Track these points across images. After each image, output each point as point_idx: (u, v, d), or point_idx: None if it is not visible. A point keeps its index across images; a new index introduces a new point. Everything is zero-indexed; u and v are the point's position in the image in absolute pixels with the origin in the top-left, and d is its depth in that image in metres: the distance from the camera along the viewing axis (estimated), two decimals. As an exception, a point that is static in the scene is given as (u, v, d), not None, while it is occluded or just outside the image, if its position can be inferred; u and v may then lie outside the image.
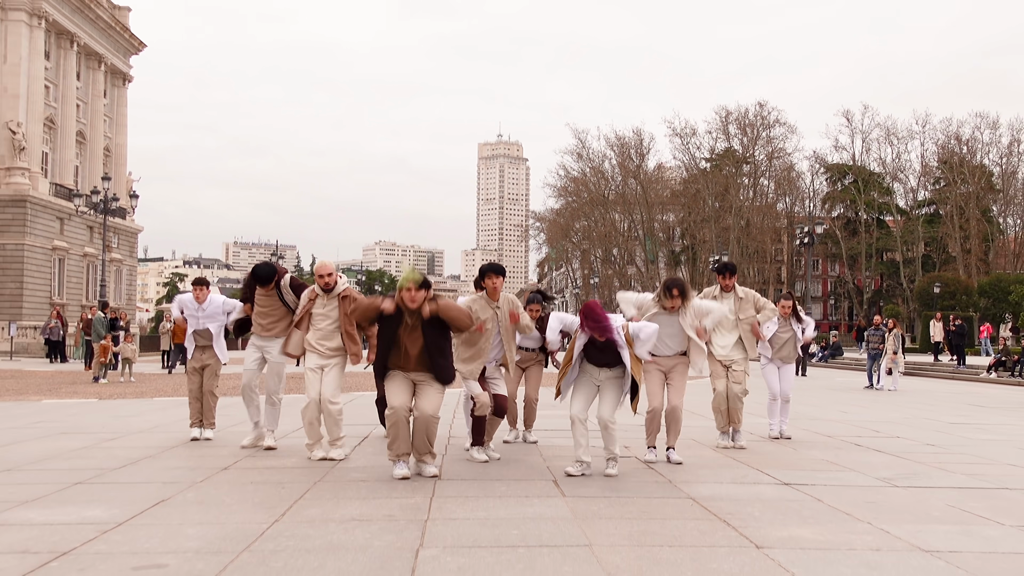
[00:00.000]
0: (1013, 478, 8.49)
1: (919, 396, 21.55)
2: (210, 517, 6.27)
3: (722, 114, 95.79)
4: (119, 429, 11.97)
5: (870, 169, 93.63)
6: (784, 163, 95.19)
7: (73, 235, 62.07)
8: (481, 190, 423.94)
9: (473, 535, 5.70)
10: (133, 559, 5.12)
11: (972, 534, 5.97)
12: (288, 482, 7.75)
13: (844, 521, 6.30)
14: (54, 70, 61.07)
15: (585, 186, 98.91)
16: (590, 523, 6.10)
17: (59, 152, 61.83)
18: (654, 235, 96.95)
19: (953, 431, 12.92)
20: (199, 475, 8.09)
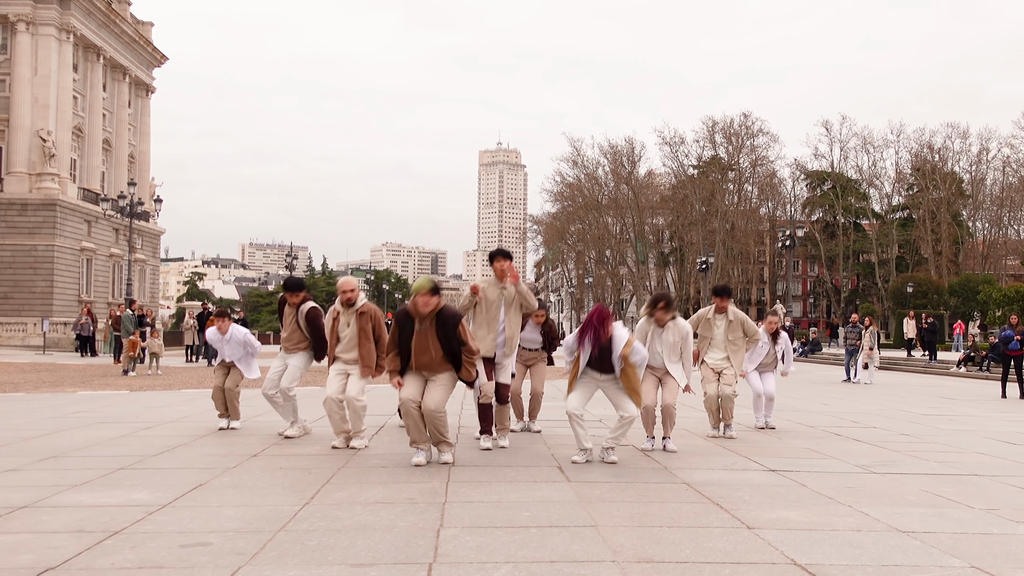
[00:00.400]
0: (981, 465, 8.66)
1: (893, 389, 21.70)
2: (246, 500, 6.43)
3: (709, 124, 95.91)
4: (152, 419, 12.12)
5: (848, 176, 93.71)
6: (767, 170, 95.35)
7: (100, 237, 62.21)
8: (482, 195, 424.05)
9: (488, 516, 5.86)
10: (180, 538, 5.28)
11: (944, 516, 6.13)
12: (314, 468, 7.91)
13: (827, 504, 6.47)
14: (82, 82, 61.21)
15: (580, 191, 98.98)
16: (594, 506, 6.26)
17: (87, 159, 62.03)
18: (644, 237, 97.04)
19: (925, 422, 13.08)
20: (231, 461, 8.25)
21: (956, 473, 8.12)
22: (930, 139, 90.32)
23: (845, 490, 7.04)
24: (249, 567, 4.63)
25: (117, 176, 65.16)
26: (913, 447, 9.95)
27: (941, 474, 8.04)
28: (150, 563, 4.72)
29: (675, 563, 4.76)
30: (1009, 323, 20.85)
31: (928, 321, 35.71)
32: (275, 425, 11.01)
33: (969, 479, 7.79)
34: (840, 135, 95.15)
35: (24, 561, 4.75)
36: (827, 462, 8.69)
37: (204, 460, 8.39)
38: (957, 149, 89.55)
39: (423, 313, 8.09)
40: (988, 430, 12.17)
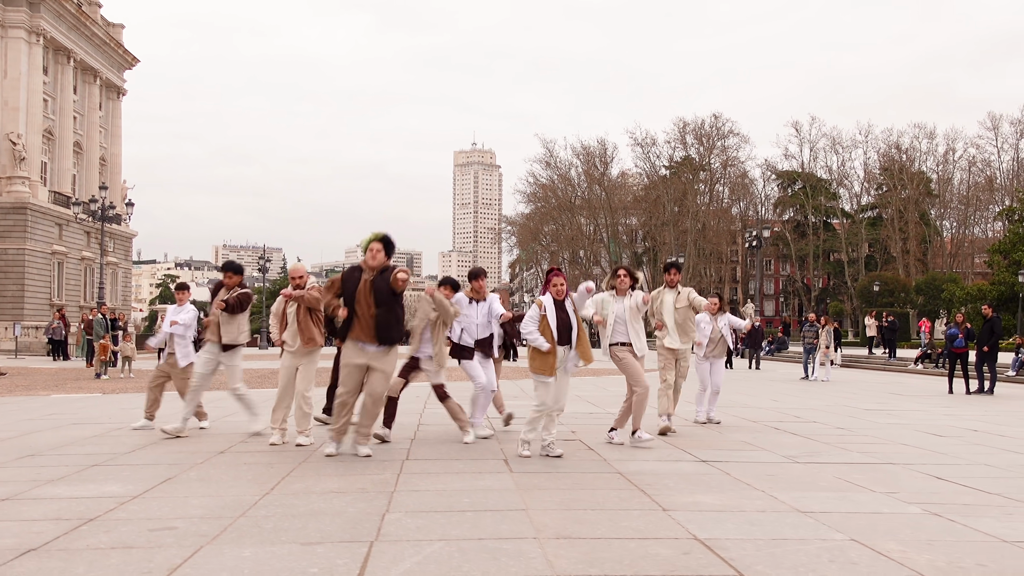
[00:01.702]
0: (900, 455, 9.34)
1: (848, 386, 22.45)
2: (210, 491, 7.02)
3: (680, 125, 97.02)
4: (125, 420, 12.65)
5: (818, 176, 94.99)
6: (738, 170, 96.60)
7: (71, 240, 62.34)
8: (457, 195, 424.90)
9: (431, 503, 6.48)
10: (149, 523, 5.87)
11: (845, 499, 6.79)
12: (276, 463, 8.50)
13: (743, 490, 7.12)
14: (52, 84, 61.30)
15: (553, 192, 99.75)
16: (529, 493, 6.89)
17: (57, 162, 62.11)
18: (618, 238, 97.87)
19: (864, 416, 13.78)
20: (199, 458, 8.83)
21: (873, 462, 8.80)
22: (898, 139, 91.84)
23: (764, 478, 7.70)
24: (210, 546, 5.23)
25: (88, 179, 65.25)
26: (843, 439, 10.62)
27: (859, 463, 8.71)
28: (121, 544, 5.31)
29: (589, 539, 5.39)
30: (955, 321, 21.65)
31: (888, 320, 36.58)
32: (243, 425, 11.57)
33: (883, 467, 8.46)
34: (810, 135, 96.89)
35: (9, 544, 5.32)
36: (757, 453, 9.35)
37: (173, 457, 8.95)
38: (924, 149, 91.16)
39: (372, 266, 8.52)
40: (921, 424, 12.86)
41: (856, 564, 4.89)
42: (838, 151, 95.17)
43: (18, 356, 41.96)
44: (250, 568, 4.75)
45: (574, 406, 12.71)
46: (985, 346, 20.06)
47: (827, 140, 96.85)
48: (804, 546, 5.27)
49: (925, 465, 8.65)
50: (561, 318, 8.73)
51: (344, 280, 8.67)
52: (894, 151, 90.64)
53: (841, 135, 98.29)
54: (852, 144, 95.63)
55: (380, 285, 8.47)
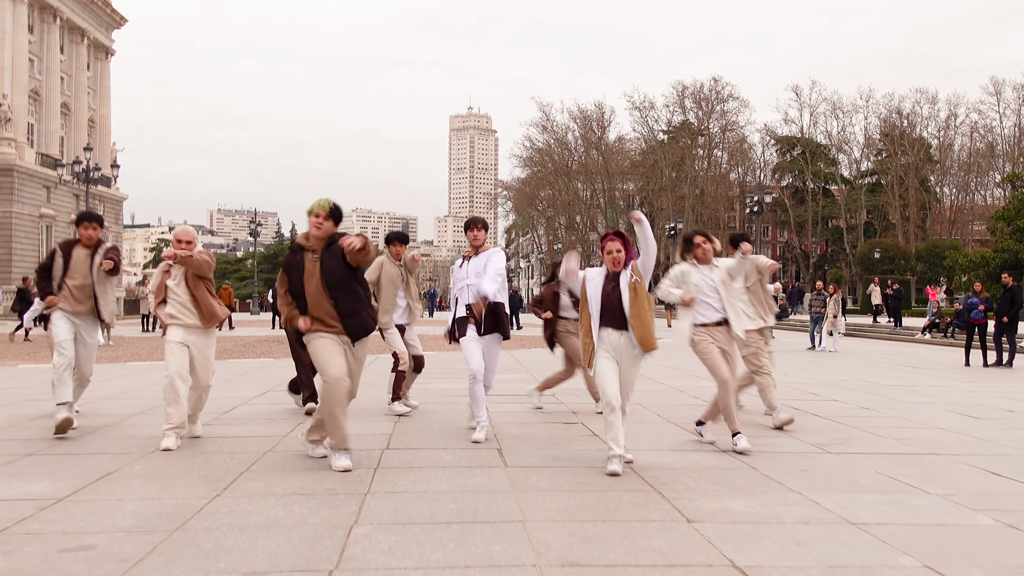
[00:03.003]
0: (941, 443, 8.29)
1: (857, 357, 21.43)
2: (152, 492, 5.95)
3: (679, 88, 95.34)
4: (86, 396, 11.55)
5: (817, 141, 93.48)
6: (737, 135, 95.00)
7: (60, 203, 61.06)
8: (453, 160, 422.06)
9: (409, 511, 5.41)
10: (62, 540, 4.79)
11: (899, 503, 5.74)
12: (238, 452, 7.44)
13: (776, 491, 6.06)
14: (38, 44, 59.89)
15: (550, 157, 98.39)
16: (527, 496, 5.83)
17: (44, 123, 60.81)
18: (615, 203, 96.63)
19: (887, 393, 12.74)
20: (151, 445, 7.76)
21: (914, 452, 7.74)
22: (899, 105, 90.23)
23: (797, 474, 6.64)
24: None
25: (76, 141, 63.86)
26: (872, 422, 9.58)
27: (898, 453, 7.66)
28: (18, 572, 4.24)
29: (602, 567, 4.33)
30: (973, 290, 20.59)
31: (894, 287, 35.50)
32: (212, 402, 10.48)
33: (927, 459, 7.41)
34: (810, 100, 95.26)
35: None
36: (781, 440, 8.31)
37: (123, 444, 7.88)
38: (926, 115, 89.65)
39: (317, 237, 6.71)
40: (949, 402, 11.83)
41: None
42: (838, 116, 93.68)
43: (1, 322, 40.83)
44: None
45: (575, 382, 11.54)
46: (1005, 316, 19.00)
47: (827, 105, 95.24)
48: (870, 578, 4.22)
49: (973, 456, 7.60)
50: (609, 294, 6.77)
51: (287, 269, 6.79)
52: (895, 116, 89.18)
53: (842, 100, 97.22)
54: (853, 109, 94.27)
55: (329, 262, 6.62)
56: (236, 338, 27.62)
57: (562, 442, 8.07)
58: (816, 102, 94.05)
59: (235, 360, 18.20)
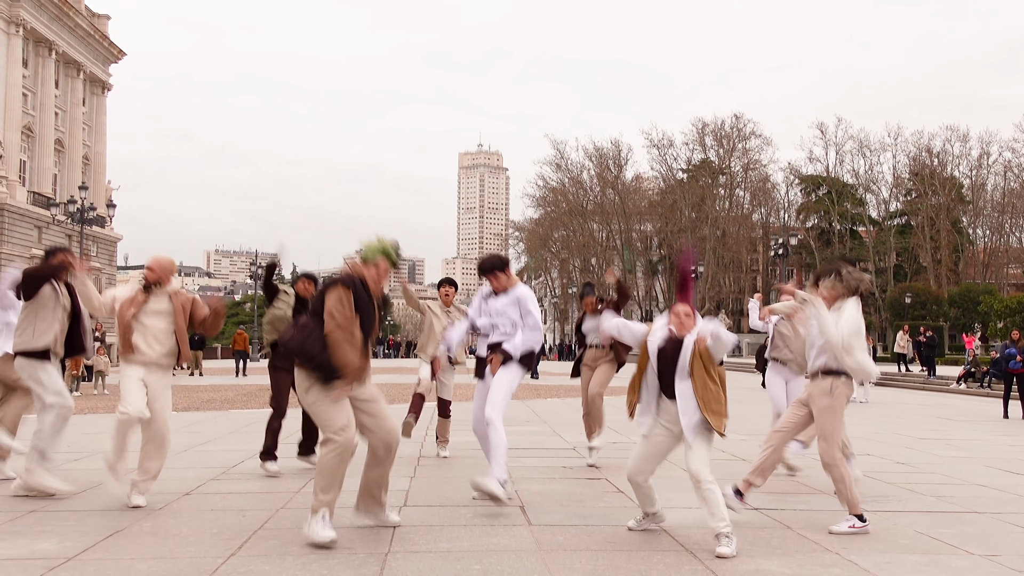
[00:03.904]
0: (982, 500, 8.34)
1: (890, 408, 21.44)
2: (164, 551, 6.04)
3: (699, 125, 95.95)
4: (85, 448, 11.68)
5: (844, 180, 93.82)
6: (760, 174, 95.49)
7: (51, 244, 61.34)
8: (461, 199, 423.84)
9: (433, 571, 5.49)
10: (79, 599, 4.89)
11: (940, 564, 5.80)
12: (250, 509, 7.53)
13: (812, 552, 6.13)
14: (32, 78, 60.54)
15: (564, 196, 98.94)
16: (553, 555, 5.90)
17: (37, 160, 61.27)
18: (632, 245, 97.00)
19: (923, 447, 12.77)
20: (159, 501, 7.84)
21: (954, 511, 7.79)
22: (929, 142, 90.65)
23: (833, 535, 6.70)
24: (148, 639, 4.26)
25: (70, 179, 64.38)
26: (909, 478, 9.63)
27: (938, 511, 7.71)
28: (35, 634, 4.34)
29: (636, 631, 4.40)
30: (1011, 339, 20.63)
31: (926, 335, 35.52)
32: (218, 456, 10.61)
33: (968, 518, 7.46)
34: (836, 138, 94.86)
35: None
36: (815, 498, 8.36)
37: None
38: (957, 153, 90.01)
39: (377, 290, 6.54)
40: (988, 456, 11.87)
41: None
42: (865, 154, 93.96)
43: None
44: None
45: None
46: (1047, 366, 19.02)
47: (854, 143, 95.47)
48: (915, 644, 4.28)
49: (1016, 515, 7.65)
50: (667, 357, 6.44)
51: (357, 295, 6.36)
52: (925, 155, 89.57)
53: (869, 137, 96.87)
54: (881, 147, 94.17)
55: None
56: (237, 387, 27.74)
57: (587, 499, 8.14)
58: (842, 140, 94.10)
59: (237, 411, 18.32)
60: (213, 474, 9.41)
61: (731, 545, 5.97)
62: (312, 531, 6.12)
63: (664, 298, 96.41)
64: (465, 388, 20.49)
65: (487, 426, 7.67)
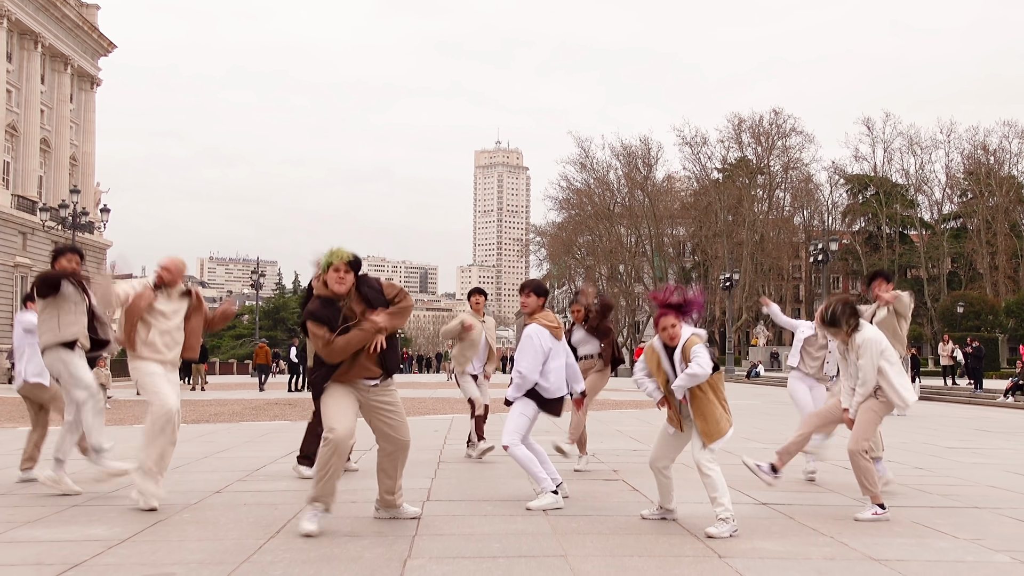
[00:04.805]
0: (987, 498, 9.41)
1: (927, 421, 22.43)
2: (207, 535, 7.21)
3: (735, 121, 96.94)
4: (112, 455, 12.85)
5: (893, 180, 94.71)
6: (801, 174, 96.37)
7: (37, 251, 62.63)
8: (478, 201, 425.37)
9: (457, 548, 6.65)
10: (142, 569, 6.05)
11: (925, 546, 6.91)
12: (280, 504, 8.69)
13: (808, 535, 7.25)
14: (16, 73, 62.01)
15: (589, 198, 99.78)
16: (568, 537, 7.05)
17: (22, 161, 62.67)
18: (663, 251, 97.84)
19: (946, 455, 13.84)
20: (192, 498, 9.02)
21: (955, 506, 8.89)
22: (984, 139, 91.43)
23: (832, 522, 7.82)
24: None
25: (57, 180, 65.89)
26: (922, 480, 10.70)
27: (940, 507, 8.81)
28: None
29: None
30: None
31: (973, 345, 36.48)
32: (240, 461, 11.76)
33: (966, 511, 8.55)
34: (883, 134, 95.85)
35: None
36: (825, 496, 9.47)
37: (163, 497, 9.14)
38: (1015, 150, 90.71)
39: (340, 293, 7.33)
40: (1011, 463, 12.90)
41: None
42: (916, 152, 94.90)
43: (-22, 383, 42.41)
44: (259, 616, 4.92)
45: (615, 442, 12.84)
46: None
47: (903, 139, 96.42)
48: (879, 597, 5.40)
49: (1015, 510, 8.73)
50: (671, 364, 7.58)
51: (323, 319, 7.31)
52: (980, 152, 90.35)
53: (919, 134, 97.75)
54: (932, 144, 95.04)
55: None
56: (244, 401, 28.98)
57: (601, 496, 9.27)
58: (891, 136, 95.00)
59: (248, 423, 19.50)
60: (238, 476, 10.59)
61: (723, 528, 7.11)
62: (300, 522, 7.27)
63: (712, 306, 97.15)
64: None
65: (507, 451, 8.63)
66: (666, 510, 7.94)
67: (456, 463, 11.90)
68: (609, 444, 14.13)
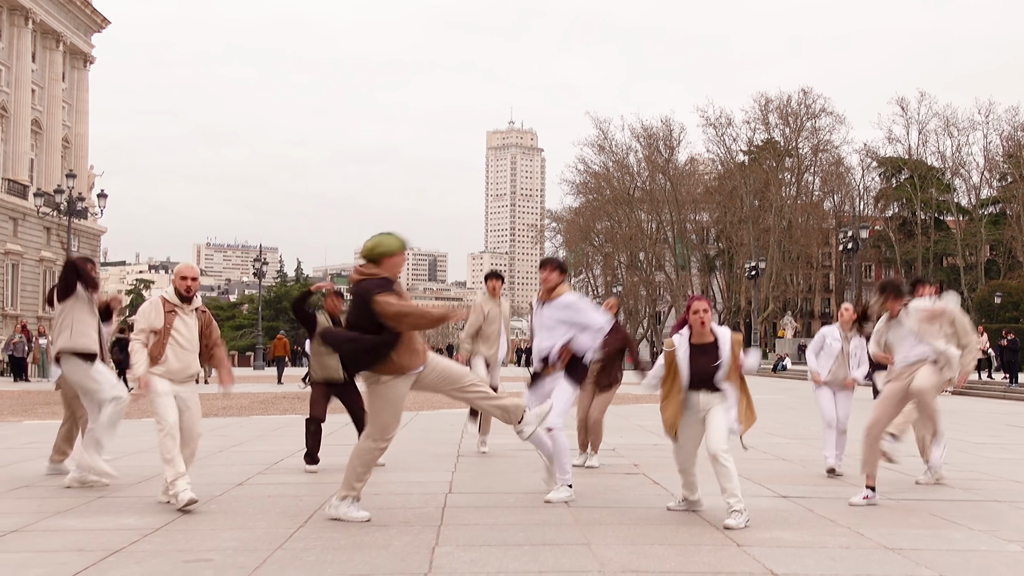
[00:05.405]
0: (1009, 493, 9.99)
1: (957, 416, 22.90)
2: (238, 524, 7.83)
3: (761, 102, 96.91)
4: (115, 449, 13.45)
5: (928, 164, 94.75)
6: (831, 157, 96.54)
7: (28, 237, 63.38)
8: (490, 185, 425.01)
9: (482, 536, 7.26)
10: (180, 555, 6.66)
11: (939, 536, 7.50)
12: (304, 495, 9.32)
13: (826, 526, 7.84)
14: (6, 51, 62.56)
15: (608, 182, 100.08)
16: (590, 528, 7.65)
17: (12, 143, 63.24)
18: (685, 237, 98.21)
19: (974, 451, 14.39)
20: (216, 490, 9.65)
21: (975, 500, 9.47)
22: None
23: (851, 514, 8.41)
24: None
25: (49, 164, 66.48)
26: (946, 475, 11.25)
27: (959, 500, 9.39)
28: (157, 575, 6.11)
29: (659, 573, 6.13)
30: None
31: (1009, 337, 36.93)
32: (256, 455, 12.39)
33: (986, 505, 9.14)
34: (918, 115, 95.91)
35: (37, 574, 6.13)
36: (845, 490, 10.02)
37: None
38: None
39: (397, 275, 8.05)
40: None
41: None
42: (952, 134, 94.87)
43: (-30, 376, 43.17)
44: (301, 597, 5.53)
45: (635, 436, 13.46)
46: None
47: (939, 120, 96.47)
48: (889, 582, 5.99)
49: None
50: (699, 358, 8.21)
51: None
52: (1021, 134, 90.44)
53: (956, 115, 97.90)
54: (970, 126, 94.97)
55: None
56: (251, 395, 29.62)
57: (623, 489, 9.88)
58: (926, 117, 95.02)
59: (258, 416, 20.13)
60: (258, 469, 11.20)
61: (739, 519, 7.72)
62: (347, 513, 7.84)
63: (723, 296, 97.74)
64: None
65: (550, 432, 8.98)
66: (691, 502, 8.58)
67: (474, 457, 12.50)
68: (629, 439, 14.74)
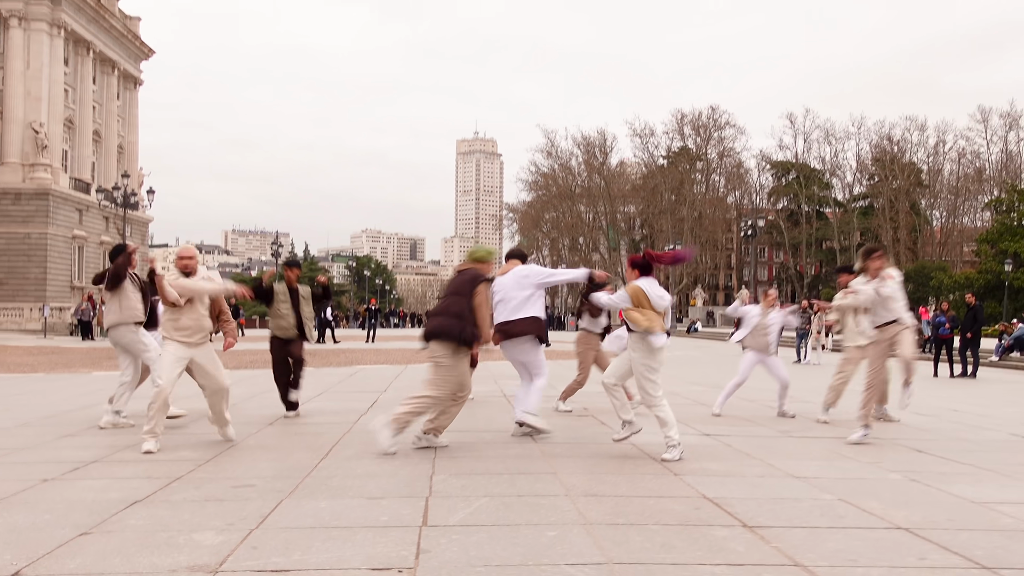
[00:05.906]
0: (885, 431, 10.04)
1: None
2: (273, 456, 7.75)
3: (678, 116, 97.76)
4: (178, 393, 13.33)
5: (811, 166, 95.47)
6: (734, 161, 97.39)
7: (91, 225, 63.09)
8: (459, 183, 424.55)
9: (470, 467, 7.20)
10: (229, 481, 6.59)
11: (834, 467, 7.52)
12: (324, 433, 9.23)
13: (743, 459, 7.84)
14: (72, 75, 62.01)
15: (554, 181, 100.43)
16: (555, 459, 7.61)
17: (77, 149, 62.99)
18: (616, 225, 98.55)
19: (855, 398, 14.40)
20: (253, 428, 9.57)
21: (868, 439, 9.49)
22: (889, 131, 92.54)
23: (762, 450, 8.41)
24: (289, 500, 5.95)
25: (107, 166, 66.10)
26: (835, 418, 11.30)
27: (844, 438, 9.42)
28: (213, 497, 6.03)
29: (613, 496, 6.11)
30: (940, 309, 22.34)
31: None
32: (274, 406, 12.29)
33: (877, 442, 9.16)
34: (804, 127, 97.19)
35: (115, 496, 6.04)
36: (754, 428, 10.08)
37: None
38: (915, 141, 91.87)
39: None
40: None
41: (843, 518, 5.60)
42: (831, 142, 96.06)
43: (47, 336, 42.69)
44: (329, 516, 5.47)
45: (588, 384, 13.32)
46: (968, 332, 20.75)
47: (820, 131, 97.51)
48: (799, 504, 5.99)
49: (908, 440, 9.37)
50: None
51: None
52: (886, 142, 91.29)
53: (834, 127, 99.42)
54: (845, 135, 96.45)
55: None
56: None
57: (578, 428, 9.85)
58: (810, 129, 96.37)
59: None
60: (284, 411, 11.08)
61: (674, 452, 7.70)
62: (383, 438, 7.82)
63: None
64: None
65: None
66: (628, 423, 8.14)
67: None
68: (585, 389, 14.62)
